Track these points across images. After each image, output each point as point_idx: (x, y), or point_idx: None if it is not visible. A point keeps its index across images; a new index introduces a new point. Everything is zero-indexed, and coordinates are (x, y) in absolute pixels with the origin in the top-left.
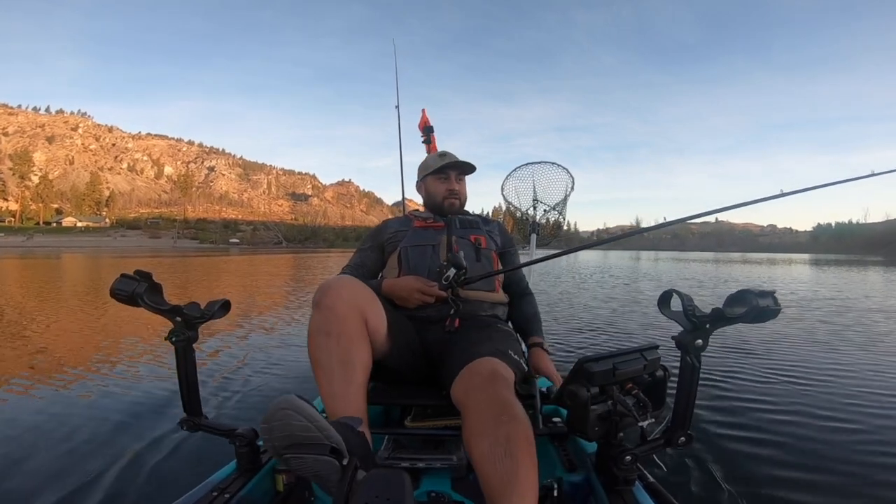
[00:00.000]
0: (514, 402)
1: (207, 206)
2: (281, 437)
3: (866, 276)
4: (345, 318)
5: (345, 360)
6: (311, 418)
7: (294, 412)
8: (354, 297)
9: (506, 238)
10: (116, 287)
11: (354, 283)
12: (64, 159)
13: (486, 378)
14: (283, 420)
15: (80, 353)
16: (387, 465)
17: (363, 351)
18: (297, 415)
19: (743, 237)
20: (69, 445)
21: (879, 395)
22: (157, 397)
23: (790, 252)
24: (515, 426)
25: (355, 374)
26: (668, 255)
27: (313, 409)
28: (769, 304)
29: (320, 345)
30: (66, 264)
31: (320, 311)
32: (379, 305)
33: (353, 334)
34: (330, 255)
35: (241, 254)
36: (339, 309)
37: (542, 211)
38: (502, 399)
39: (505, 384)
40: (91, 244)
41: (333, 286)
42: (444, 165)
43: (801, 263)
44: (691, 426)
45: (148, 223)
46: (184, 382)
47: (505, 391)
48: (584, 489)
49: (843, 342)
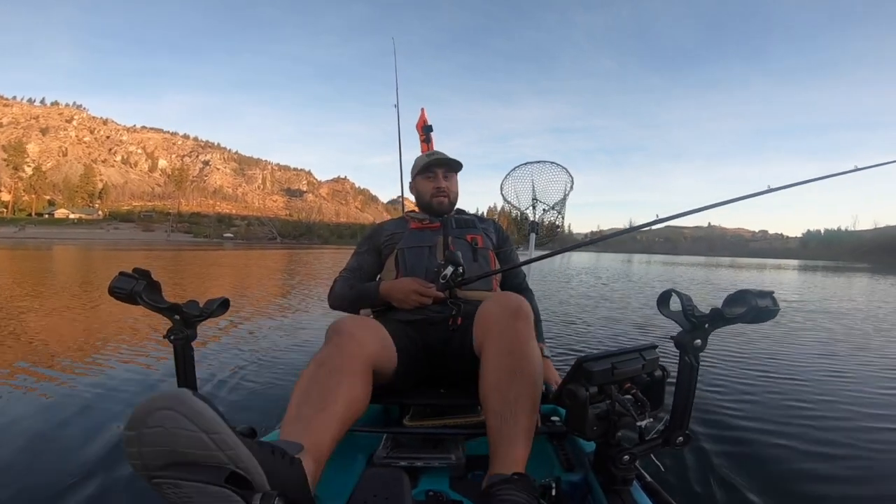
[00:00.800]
0: (532, 353)
1: (201, 200)
2: (154, 450)
3: (852, 282)
4: (350, 357)
5: (328, 391)
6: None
7: (182, 415)
8: (368, 340)
9: (502, 236)
10: (115, 285)
11: (370, 324)
12: (57, 151)
13: (511, 311)
14: (162, 424)
15: (74, 349)
16: (385, 464)
17: (355, 388)
18: (185, 420)
19: (734, 242)
20: (61, 443)
21: (879, 395)
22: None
23: (780, 258)
24: (527, 388)
25: (333, 405)
26: (659, 259)
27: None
28: (768, 304)
29: (310, 374)
30: (60, 257)
31: (328, 346)
32: (391, 344)
33: (352, 372)
34: (324, 251)
35: (235, 248)
36: (347, 348)
37: (542, 210)
38: (520, 348)
39: (526, 321)
40: (84, 236)
41: (348, 326)
42: (429, 163)
43: (788, 269)
44: (689, 426)
45: (141, 216)
46: (182, 381)
47: (525, 334)
48: (581, 488)
49: (840, 344)
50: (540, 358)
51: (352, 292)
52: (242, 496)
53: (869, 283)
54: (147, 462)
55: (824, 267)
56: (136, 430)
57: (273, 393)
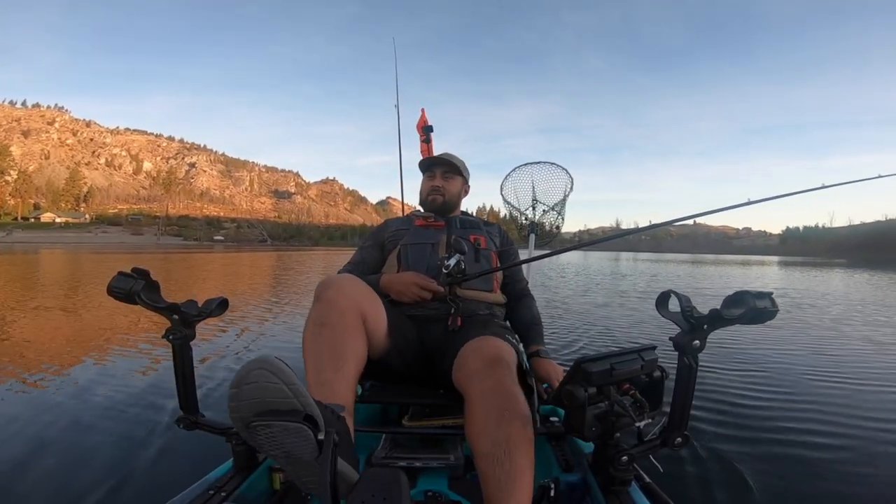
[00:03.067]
0: (517, 396)
1: (188, 202)
2: (250, 402)
3: (832, 277)
4: (343, 312)
5: (336, 350)
6: (288, 381)
7: (270, 372)
8: (355, 294)
9: (505, 239)
10: (114, 285)
11: (355, 280)
12: (40, 154)
13: (488, 361)
14: (256, 381)
15: (71, 349)
16: (383, 463)
17: (358, 344)
18: (272, 375)
19: (717, 240)
20: (62, 444)
21: (877, 395)
22: (152, 395)
23: (761, 254)
24: (517, 427)
25: (346, 364)
26: (645, 257)
27: (292, 372)
28: (766, 305)
29: (314, 334)
30: (55, 261)
31: (320, 303)
32: (379, 303)
33: (350, 327)
34: (314, 252)
35: (226, 251)
36: (338, 303)
37: (542, 211)
38: (505, 390)
39: (507, 369)
40: (72, 240)
41: (335, 282)
42: (428, 163)
43: (767, 265)
44: (688, 427)
45: (129, 219)
46: (181, 380)
47: (507, 379)
48: (580, 489)
49: (836, 344)
50: (526, 404)
51: None
52: (313, 432)
53: (848, 278)
54: (244, 413)
55: (803, 263)
56: (237, 388)
57: None
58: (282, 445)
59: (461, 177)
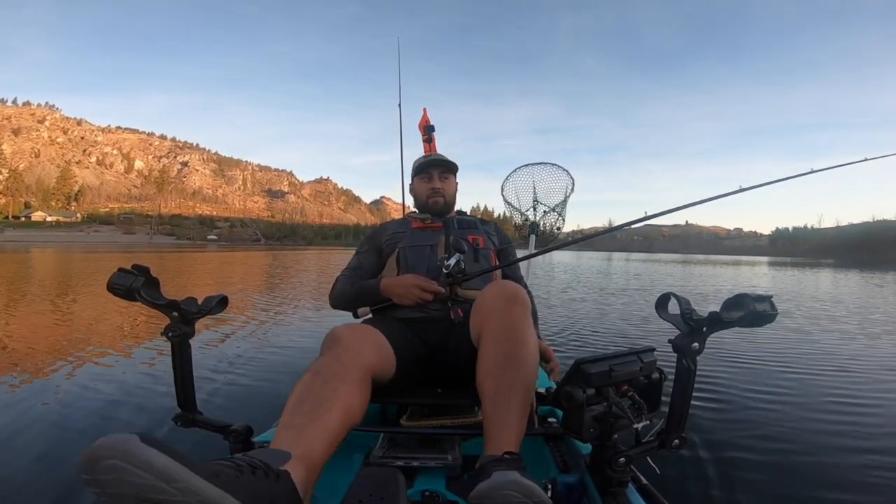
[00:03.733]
0: (528, 338)
1: (180, 201)
2: (117, 492)
3: (820, 276)
4: (347, 367)
5: (324, 399)
6: (162, 475)
7: (129, 465)
8: (365, 349)
9: (503, 238)
10: (114, 281)
11: (368, 332)
12: (30, 152)
13: (508, 296)
14: (114, 473)
15: (67, 345)
16: (381, 463)
17: (352, 396)
18: (133, 468)
19: (708, 240)
20: (57, 441)
21: (876, 395)
22: (150, 392)
23: (751, 255)
24: (521, 373)
25: (328, 414)
26: (636, 257)
27: (167, 458)
28: (766, 308)
29: (305, 381)
30: (51, 260)
31: (325, 356)
32: (388, 350)
33: (349, 380)
34: (310, 251)
35: (220, 250)
36: (343, 358)
37: (542, 212)
38: (518, 331)
39: (523, 306)
40: (64, 239)
41: (345, 336)
42: (424, 164)
43: (754, 266)
44: (685, 429)
45: (121, 218)
46: (179, 378)
47: (522, 320)
48: (577, 490)
49: (833, 344)
50: (535, 344)
51: (353, 290)
52: None
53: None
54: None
55: (792, 263)
56: (90, 476)
57: (271, 390)
58: None
59: (454, 175)
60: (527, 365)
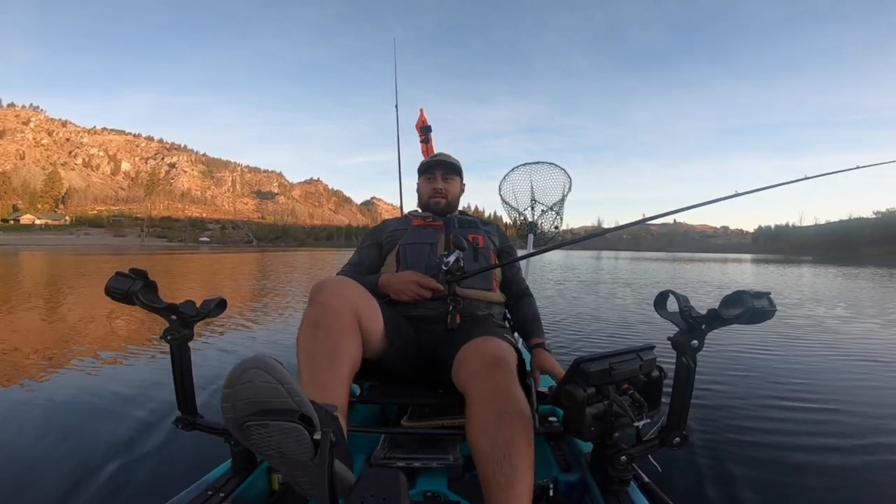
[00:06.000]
0: (517, 397)
1: (169, 203)
2: (244, 401)
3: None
4: (338, 313)
5: (331, 351)
6: (283, 380)
7: (264, 371)
8: (349, 295)
9: (503, 238)
10: (112, 285)
11: (349, 282)
12: (14, 154)
13: (488, 362)
14: (251, 381)
15: (66, 348)
16: (382, 464)
17: (352, 346)
18: (267, 375)
19: (693, 238)
20: (61, 444)
21: (875, 396)
22: (149, 396)
23: (736, 252)
24: (517, 429)
25: (340, 366)
26: (625, 255)
27: (287, 372)
28: (765, 305)
29: (308, 335)
30: (46, 263)
31: (314, 305)
32: (375, 305)
33: (344, 329)
34: (302, 253)
35: (213, 252)
36: (333, 304)
37: (540, 211)
38: (505, 392)
39: (507, 370)
40: (54, 242)
41: (329, 283)
42: (429, 165)
43: (735, 263)
44: (686, 427)
45: (111, 221)
46: (179, 381)
47: (508, 381)
48: (579, 489)
49: (835, 344)
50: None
51: None
52: (309, 431)
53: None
54: (238, 414)
55: (774, 260)
56: (232, 387)
57: None
58: (277, 446)
59: (459, 177)
60: (523, 420)
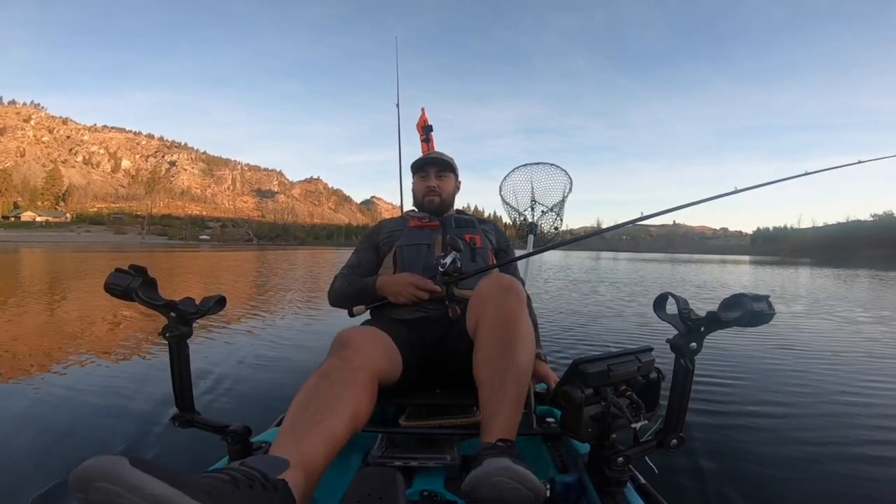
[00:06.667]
0: (522, 326)
1: (169, 201)
2: None
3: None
4: (356, 371)
5: (327, 403)
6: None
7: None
8: (372, 353)
9: (501, 237)
10: (111, 281)
11: (375, 333)
12: (15, 151)
13: (503, 287)
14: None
15: (64, 345)
16: (379, 463)
17: (361, 401)
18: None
19: (692, 239)
20: (57, 442)
21: (876, 395)
22: (146, 393)
23: (733, 254)
24: (516, 358)
25: (334, 419)
26: (624, 256)
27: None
28: (763, 307)
29: (312, 384)
30: (49, 259)
31: (332, 358)
32: (397, 358)
33: (357, 384)
34: (302, 251)
35: (213, 250)
36: (354, 361)
37: (540, 212)
38: (514, 319)
39: (518, 297)
40: (55, 239)
41: (354, 339)
42: (422, 163)
43: (733, 265)
44: (683, 429)
45: (112, 218)
46: (177, 378)
47: (518, 309)
48: (575, 490)
49: (835, 345)
50: (530, 334)
51: (350, 288)
52: None
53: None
54: None
55: (772, 262)
56: (83, 495)
57: (270, 390)
58: None
59: (453, 174)
60: (521, 351)
